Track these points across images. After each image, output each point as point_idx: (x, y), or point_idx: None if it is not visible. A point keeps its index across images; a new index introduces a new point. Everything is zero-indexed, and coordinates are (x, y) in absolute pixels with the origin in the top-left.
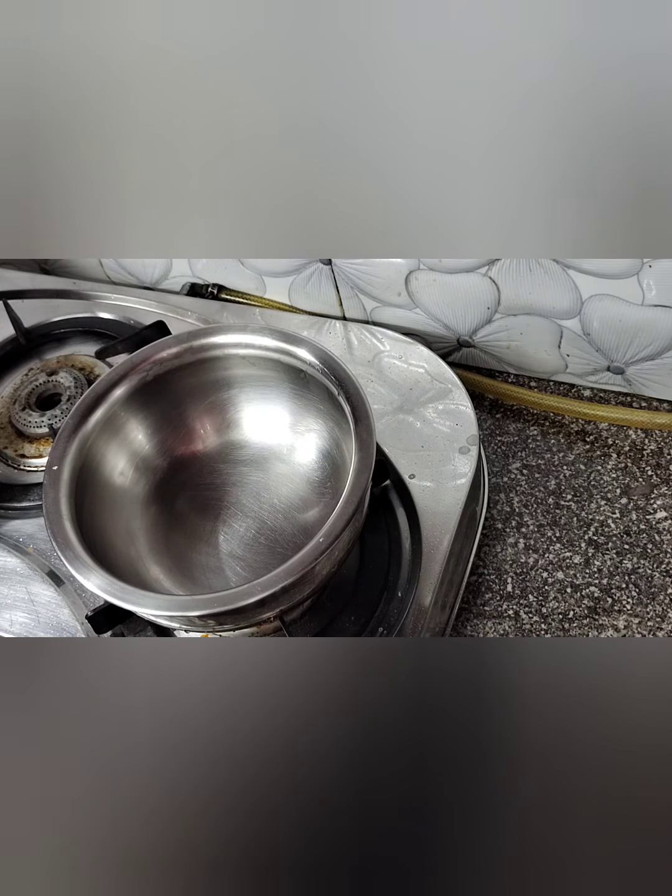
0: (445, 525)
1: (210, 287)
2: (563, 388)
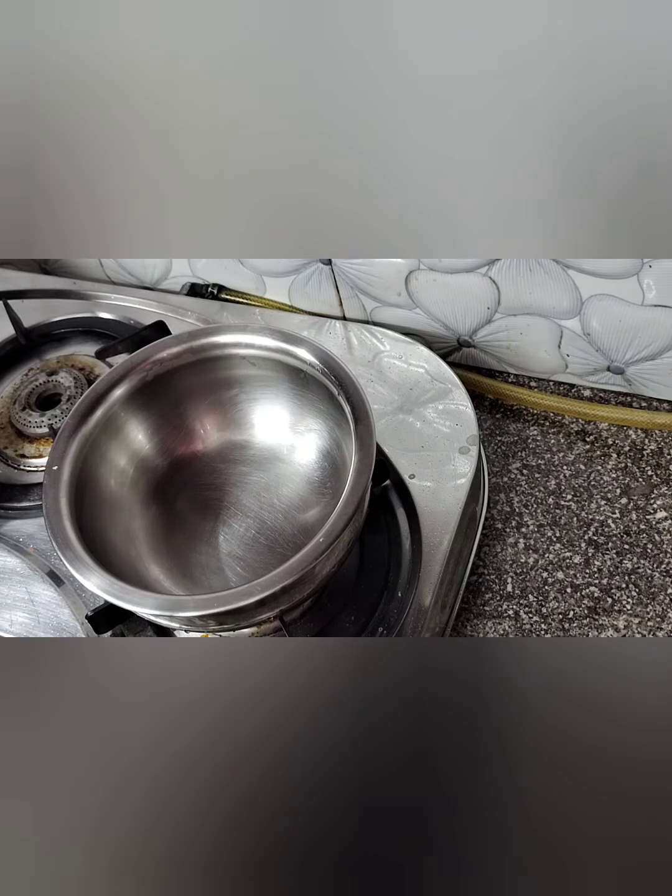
0: (445, 525)
1: (210, 287)
2: (563, 388)
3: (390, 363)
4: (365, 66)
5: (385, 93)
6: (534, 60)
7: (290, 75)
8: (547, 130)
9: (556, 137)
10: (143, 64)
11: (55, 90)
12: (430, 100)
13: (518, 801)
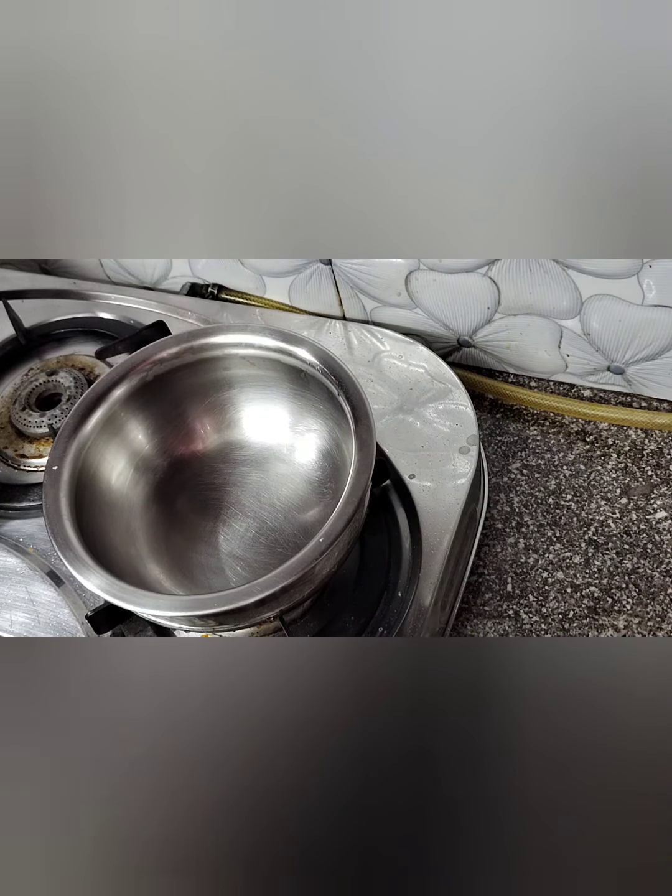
0: (445, 525)
1: (210, 287)
2: (563, 388)
3: (390, 363)
4: (366, 66)
5: (385, 93)
6: (534, 60)
7: (290, 76)
8: (547, 130)
9: (557, 137)
10: (144, 63)
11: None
12: (431, 99)
13: (518, 801)
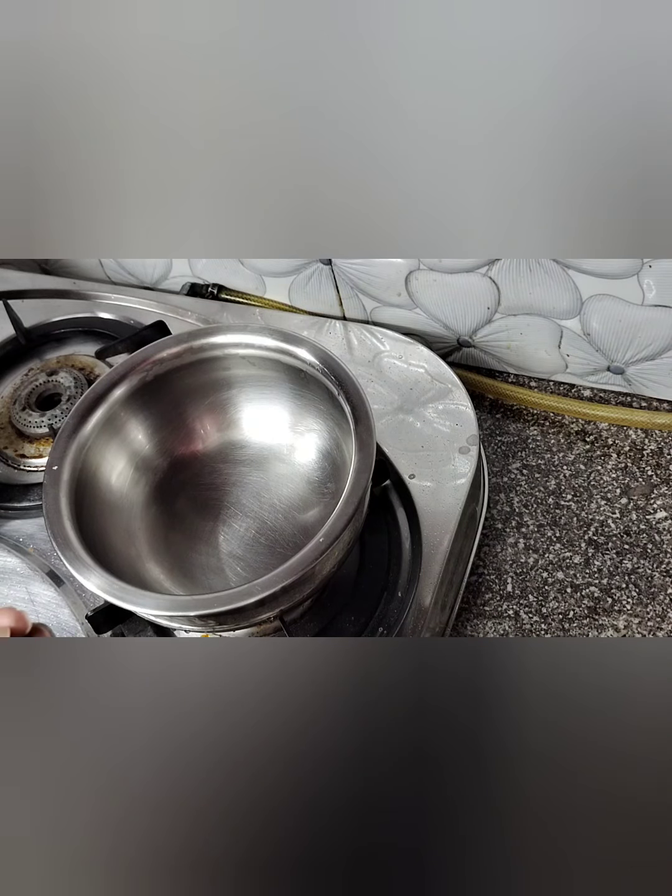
0: (445, 525)
1: (210, 287)
2: (563, 388)
3: (390, 363)
4: (366, 66)
5: (386, 92)
6: (534, 60)
7: (290, 76)
8: (547, 130)
9: (557, 137)
10: (143, 63)
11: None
12: (432, 99)
13: (518, 801)
